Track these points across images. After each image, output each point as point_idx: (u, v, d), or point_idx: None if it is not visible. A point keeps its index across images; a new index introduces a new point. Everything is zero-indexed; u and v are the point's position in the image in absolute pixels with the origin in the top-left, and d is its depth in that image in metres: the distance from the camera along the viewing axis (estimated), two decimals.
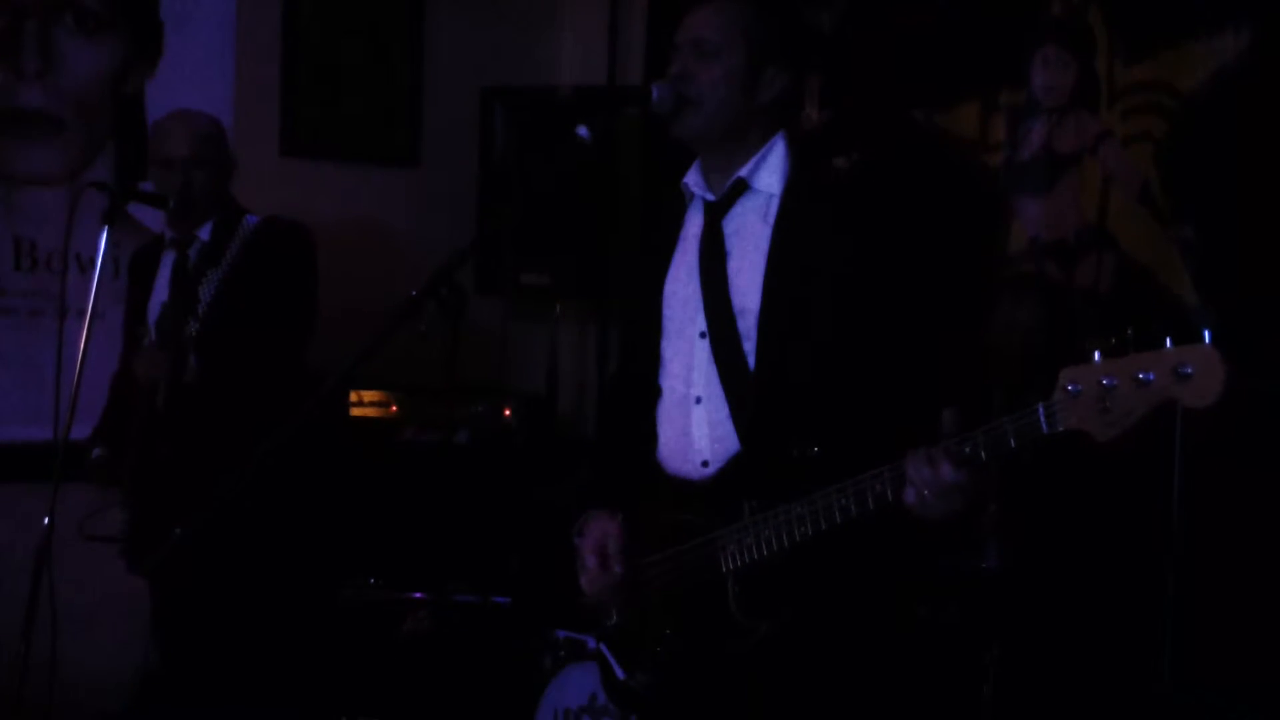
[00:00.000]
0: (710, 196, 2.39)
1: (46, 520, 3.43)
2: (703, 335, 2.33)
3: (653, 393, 2.42)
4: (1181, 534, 3.28)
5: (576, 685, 3.64)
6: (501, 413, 4.52)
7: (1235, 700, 3.11)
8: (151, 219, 4.36)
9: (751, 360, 2.27)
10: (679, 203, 2.47)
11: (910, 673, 2.41)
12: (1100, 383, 1.85)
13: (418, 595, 4.32)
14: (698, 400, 2.33)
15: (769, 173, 2.35)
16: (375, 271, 4.60)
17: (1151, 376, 1.81)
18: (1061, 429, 1.90)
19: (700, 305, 2.34)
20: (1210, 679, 3.18)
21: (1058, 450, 1.97)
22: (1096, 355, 1.86)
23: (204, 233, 3.64)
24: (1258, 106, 3.29)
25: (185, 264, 3.64)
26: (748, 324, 2.28)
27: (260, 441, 2.33)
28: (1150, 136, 3.55)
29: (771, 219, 2.31)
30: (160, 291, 3.68)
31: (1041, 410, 1.90)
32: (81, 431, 3.65)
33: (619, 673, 2.42)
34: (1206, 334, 1.80)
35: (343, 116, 5.04)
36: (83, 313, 3.56)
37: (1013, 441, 1.93)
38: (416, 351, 2.52)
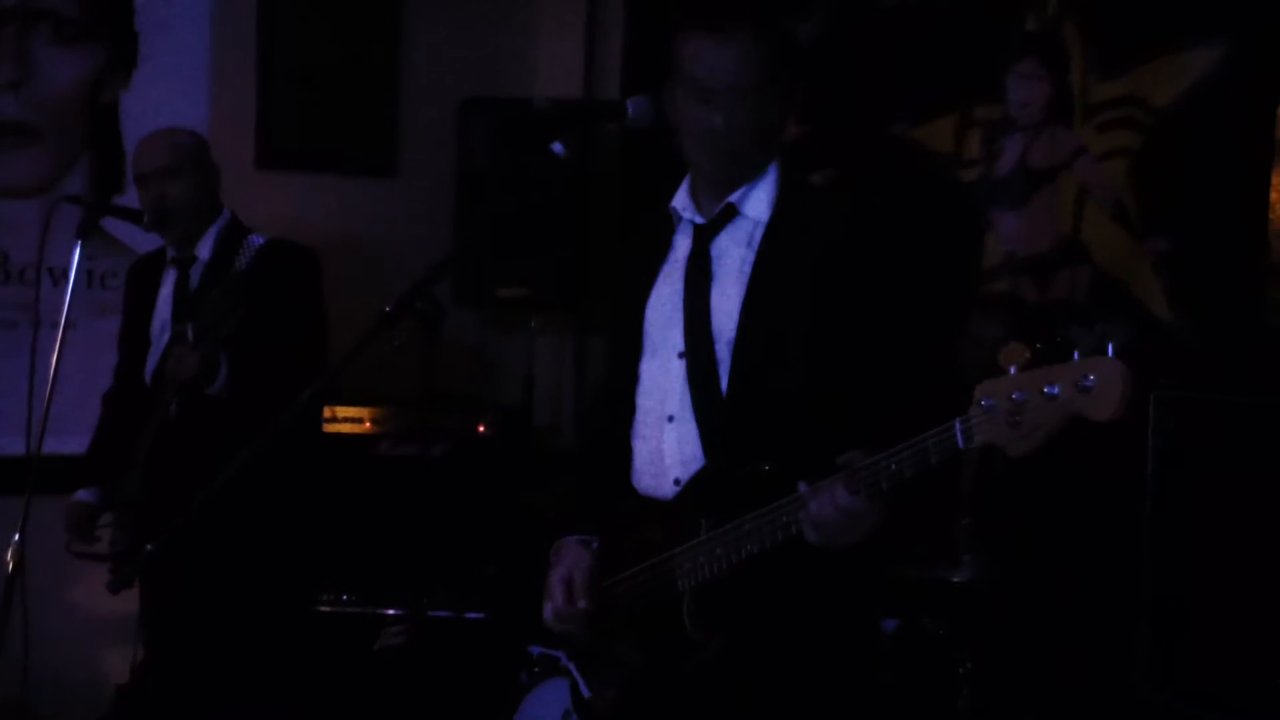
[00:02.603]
0: (700, 219, 2.40)
1: (18, 535, 3.41)
2: (681, 356, 2.35)
3: (627, 412, 2.44)
4: (1155, 544, 3.29)
5: (551, 701, 3.61)
6: (478, 426, 4.52)
7: (1209, 708, 3.12)
8: (125, 233, 4.35)
9: (724, 383, 2.29)
10: (666, 224, 2.46)
11: (876, 685, 2.41)
12: (1011, 397, 1.85)
13: (393, 610, 4.31)
14: (670, 419, 2.34)
15: (759, 198, 2.36)
16: (352, 283, 4.58)
17: (1057, 390, 1.80)
18: (976, 443, 1.90)
19: (681, 326, 2.35)
20: (1186, 688, 3.19)
21: (1031, 461, 1.97)
22: (1013, 369, 1.86)
23: (204, 252, 3.59)
24: (1232, 121, 3.31)
25: (187, 284, 3.60)
26: (724, 347, 2.29)
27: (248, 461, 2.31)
28: (1125, 151, 3.57)
29: (756, 245, 2.33)
30: (163, 310, 3.64)
31: (958, 425, 1.91)
32: (55, 445, 3.63)
33: (585, 690, 2.43)
34: (1110, 346, 1.78)
35: (320, 127, 5.03)
36: (56, 325, 3.54)
37: (933, 459, 1.95)
38: (393, 364, 2.52)
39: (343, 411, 4.49)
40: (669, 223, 2.46)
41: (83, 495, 3.66)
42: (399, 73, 5.13)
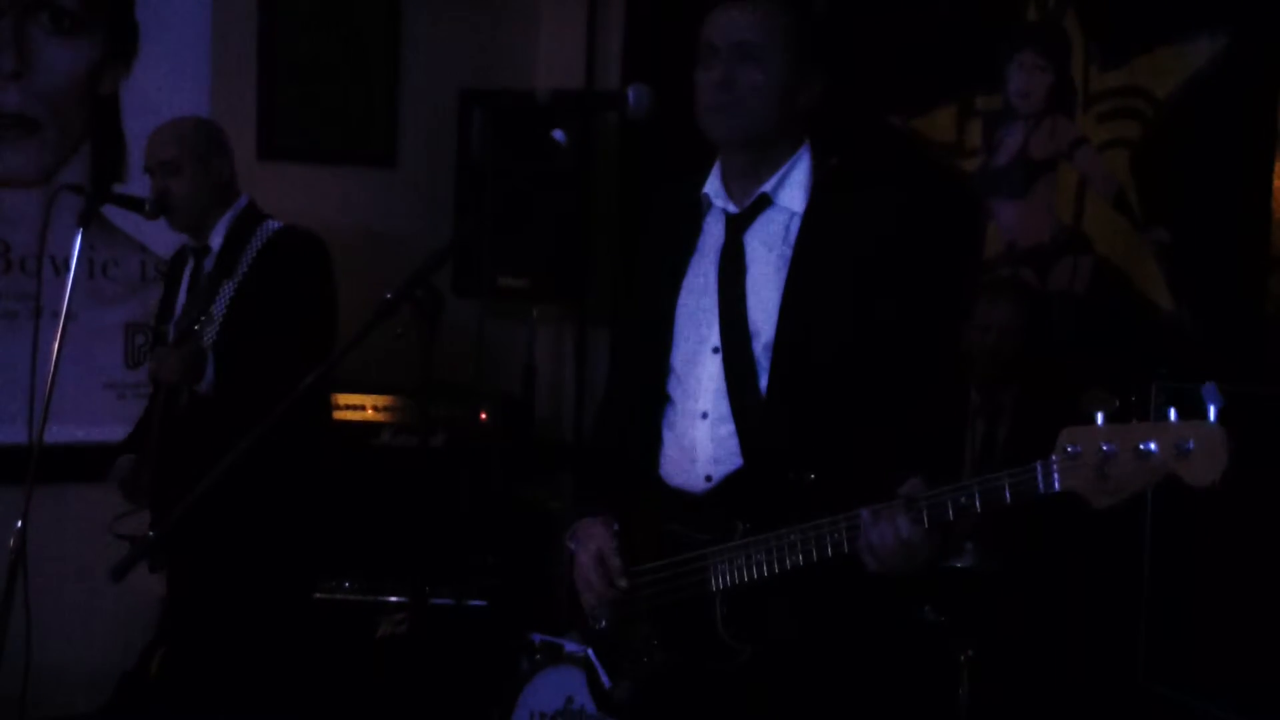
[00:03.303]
0: (732, 208, 2.33)
1: (19, 524, 3.41)
2: (715, 351, 2.29)
3: (656, 401, 2.37)
4: (1156, 533, 3.29)
5: (552, 688, 3.64)
6: (478, 415, 4.52)
7: (1208, 698, 3.12)
8: (126, 222, 4.35)
9: (763, 382, 2.24)
10: (695, 210, 2.39)
11: (892, 693, 2.39)
12: (1100, 448, 1.80)
13: (394, 598, 4.32)
14: (704, 415, 2.29)
15: (793, 188, 2.29)
16: (352, 273, 4.57)
17: (1153, 449, 1.76)
18: (1058, 490, 1.86)
19: (715, 320, 2.29)
20: (1185, 677, 3.19)
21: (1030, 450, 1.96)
22: (1099, 418, 1.81)
23: (215, 242, 3.58)
24: (1233, 111, 3.31)
25: (199, 275, 3.60)
26: (762, 345, 2.24)
27: (257, 449, 2.31)
28: (1126, 141, 3.57)
29: (792, 239, 2.26)
30: (181, 301, 3.64)
31: (1039, 469, 1.86)
32: (56, 434, 3.63)
33: (605, 680, 2.39)
34: (1212, 410, 1.74)
35: (320, 117, 5.03)
36: (57, 315, 3.53)
37: (1008, 497, 1.90)
38: (393, 354, 2.51)
39: (344, 400, 4.49)
40: (697, 208, 2.38)
41: (125, 459, 3.65)
42: (399, 63, 5.13)
